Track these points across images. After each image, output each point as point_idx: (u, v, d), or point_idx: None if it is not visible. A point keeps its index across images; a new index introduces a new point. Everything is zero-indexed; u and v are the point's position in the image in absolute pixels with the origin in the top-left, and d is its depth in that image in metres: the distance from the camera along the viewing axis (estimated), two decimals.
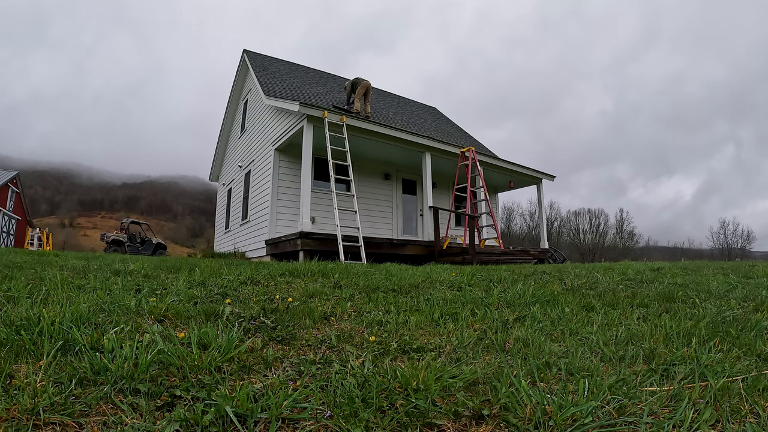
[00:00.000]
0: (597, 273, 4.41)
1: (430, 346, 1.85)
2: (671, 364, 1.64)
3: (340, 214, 7.74)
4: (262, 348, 1.73)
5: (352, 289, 3.17)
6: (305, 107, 8.07)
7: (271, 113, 10.42)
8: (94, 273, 3.32)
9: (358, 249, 7.61)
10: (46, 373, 1.29)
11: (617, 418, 1.18)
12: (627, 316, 2.49)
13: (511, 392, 1.29)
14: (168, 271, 3.66)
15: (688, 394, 1.32)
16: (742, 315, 2.44)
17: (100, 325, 1.82)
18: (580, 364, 1.60)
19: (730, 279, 3.91)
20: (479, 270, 4.57)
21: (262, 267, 4.31)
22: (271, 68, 12.84)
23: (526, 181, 13.21)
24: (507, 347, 1.89)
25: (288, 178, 9.77)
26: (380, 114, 12.67)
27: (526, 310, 2.58)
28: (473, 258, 8.33)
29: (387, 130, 9.30)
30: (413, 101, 17.83)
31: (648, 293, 3.17)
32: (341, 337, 1.93)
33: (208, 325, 1.90)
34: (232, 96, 14.50)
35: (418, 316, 2.37)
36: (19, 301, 2.13)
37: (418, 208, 12.17)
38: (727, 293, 3.16)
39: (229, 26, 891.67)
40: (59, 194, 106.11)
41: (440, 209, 9.33)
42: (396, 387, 1.35)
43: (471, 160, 10.15)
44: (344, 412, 1.18)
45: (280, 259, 8.14)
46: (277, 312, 2.30)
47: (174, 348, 1.53)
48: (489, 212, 10.28)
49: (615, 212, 62.90)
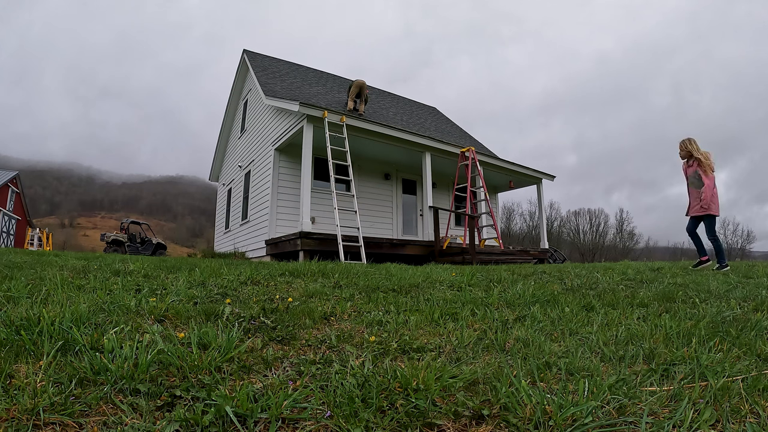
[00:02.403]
0: (597, 273, 4.41)
1: (430, 346, 1.85)
2: (671, 364, 1.64)
3: (340, 214, 7.75)
4: (262, 348, 1.73)
5: (352, 289, 3.17)
6: (305, 107, 8.07)
7: (271, 113, 10.42)
8: (94, 273, 3.32)
9: (358, 249, 7.61)
10: (46, 373, 1.29)
11: (617, 418, 1.18)
12: (627, 316, 2.48)
13: (511, 392, 1.29)
14: (168, 271, 3.66)
15: (688, 394, 1.32)
16: (742, 315, 2.44)
17: (100, 325, 1.82)
18: (580, 364, 1.60)
19: (730, 279, 3.92)
20: (479, 270, 4.57)
21: (262, 267, 4.31)
22: (271, 68, 12.84)
23: (526, 181, 13.21)
24: (507, 347, 1.89)
25: (288, 178, 9.77)
26: (380, 114, 12.68)
27: (526, 310, 2.58)
28: (473, 258, 8.34)
29: (387, 130, 9.30)
30: (413, 101, 17.82)
31: (648, 293, 3.17)
32: (341, 337, 1.93)
33: (208, 325, 1.90)
34: (232, 96, 14.49)
35: (418, 316, 2.37)
36: (19, 301, 2.13)
37: (418, 208, 12.17)
38: (727, 293, 3.16)
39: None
40: (59, 194, 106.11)
41: (440, 209, 9.33)
42: (396, 387, 1.35)
43: (471, 160, 10.15)
44: (344, 412, 1.18)
45: (280, 259, 8.14)
46: (277, 312, 2.30)
47: (174, 348, 1.53)
48: (489, 212, 10.28)
49: (615, 212, 62.83)
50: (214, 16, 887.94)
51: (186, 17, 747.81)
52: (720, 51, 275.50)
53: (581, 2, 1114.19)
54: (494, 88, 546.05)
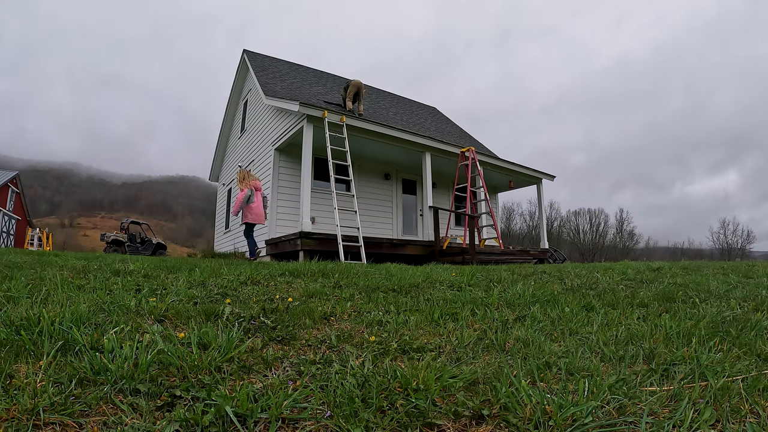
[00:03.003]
0: (597, 273, 4.41)
1: (430, 346, 1.85)
2: (671, 363, 1.64)
3: (340, 214, 7.74)
4: (262, 348, 1.73)
5: (352, 289, 3.16)
6: (305, 107, 8.07)
7: (271, 113, 10.42)
8: (94, 273, 3.32)
9: (358, 249, 7.61)
10: (46, 373, 1.29)
11: (617, 418, 1.18)
12: (627, 316, 2.48)
13: (511, 392, 1.29)
14: (168, 271, 3.66)
15: (688, 393, 1.32)
16: (742, 315, 2.44)
17: (100, 325, 1.82)
18: (580, 364, 1.60)
19: (730, 279, 3.91)
20: (479, 270, 4.57)
21: (262, 267, 4.31)
22: (271, 68, 12.84)
23: (526, 181, 13.21)
24: (507, 347, 1.89)
25: (288, 178, 9.77)
26: (380, 114, 12.67)
27: (526, 310, 2.58)
28: (473, 258, 8.34)
29: (387, 130, 9.29)
30: (413, 101, 17.82)
31: (648, 293, 3.17)
32: (341, 337, 1.93)
33: (208, 325, 1.90)
34: (232, 96, 14.49)
35: (418, 316, 2.37)
36: (19, 301, 2.13)
37: (418, 208, 12.17)
38: (727, 293, 3.16)
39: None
40: (59, 194, 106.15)
41: (440, 209, 9.33)
42: (396, 387, 1.35)
43: (471, 160, 10.15)
44: (344, 412, 1.18)
45: (280, 259, 8.14)
46: (277, 312, 2.30)
47: (174, 348, 1.53)
48: (489, 212, 10.28)
49: (615, 212, 62.76)
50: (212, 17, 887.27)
51: (208, 10, 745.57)
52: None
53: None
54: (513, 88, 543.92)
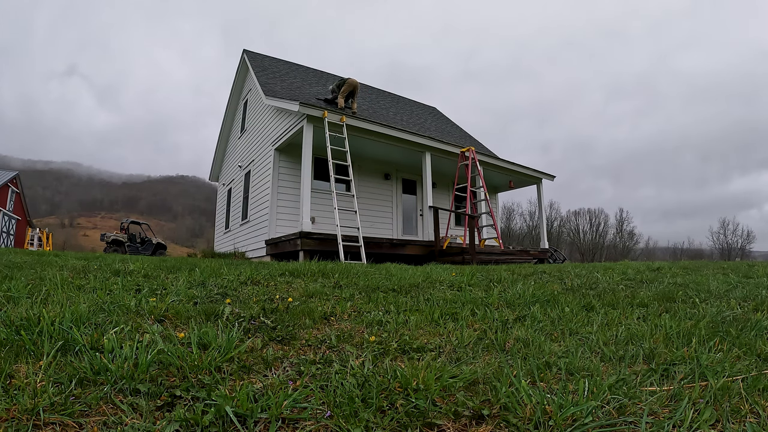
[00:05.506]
0: (597, 273, 4.41)
1: (430, 346, 1.85)
2: (671, 363, 1.64)
3: (340, 214, 7.74)
4: (262, 348, 1.73)
5: (352, 289, 3.16)
6: (305, 107, 8.07)
7: (271, 113, 10.41)
8: (94, 273, 3.32)
9: (358, 249, 7.61)
10: (46, 373, 1.29)
11: (617, 418, 1.18)
12: (627, 315, 2.48)
13: (511, 392, 1.29)
14: (168, 271, 3.66)
15: (688, 393, 1.32)
16: (742, 315, 2.44)
17: (100, 325, 1.82)
18: (580, 364, 1.60)
19: (730, 279, 3.92)
20: (479, 270, 4.57)
21: (262, 267, 4.31)
22: (271, 68, 12.84)
23: (526, 181, 13.21)
24: (507, 347, 1.89)
25: (288, 178, 9.77)
26: (380, 114, 12.67)
27: (526, 310, 2.58)
28: (473, 258, 8.34)
29: (387, 130, 9.29)
30: (413, 101, 17.82)
31: (648, 293, 3.17)
32: (341, 337, 1.93)
33: (208, 325, 1.90)
34: (232, 96, 14.49)
35: (418, 316, 2.37)
36: (19, 301, 2.13)
37: (418, 208, 12.17)
38: (727, 293, 3.16)
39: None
40: (59, 194, 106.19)
41: (440, 209, 9.33)
42: (396, 387, 1.35)
43: (471, 160, 10.15)
44: (344, 412, 1.18)
45: (280, 259, 8.14)
46: (277, 312, 2.30)
47: (174, 348, 1.53)
48: (489, 212, 10.28)
49: (615, 212, 62.71)
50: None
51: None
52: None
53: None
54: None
